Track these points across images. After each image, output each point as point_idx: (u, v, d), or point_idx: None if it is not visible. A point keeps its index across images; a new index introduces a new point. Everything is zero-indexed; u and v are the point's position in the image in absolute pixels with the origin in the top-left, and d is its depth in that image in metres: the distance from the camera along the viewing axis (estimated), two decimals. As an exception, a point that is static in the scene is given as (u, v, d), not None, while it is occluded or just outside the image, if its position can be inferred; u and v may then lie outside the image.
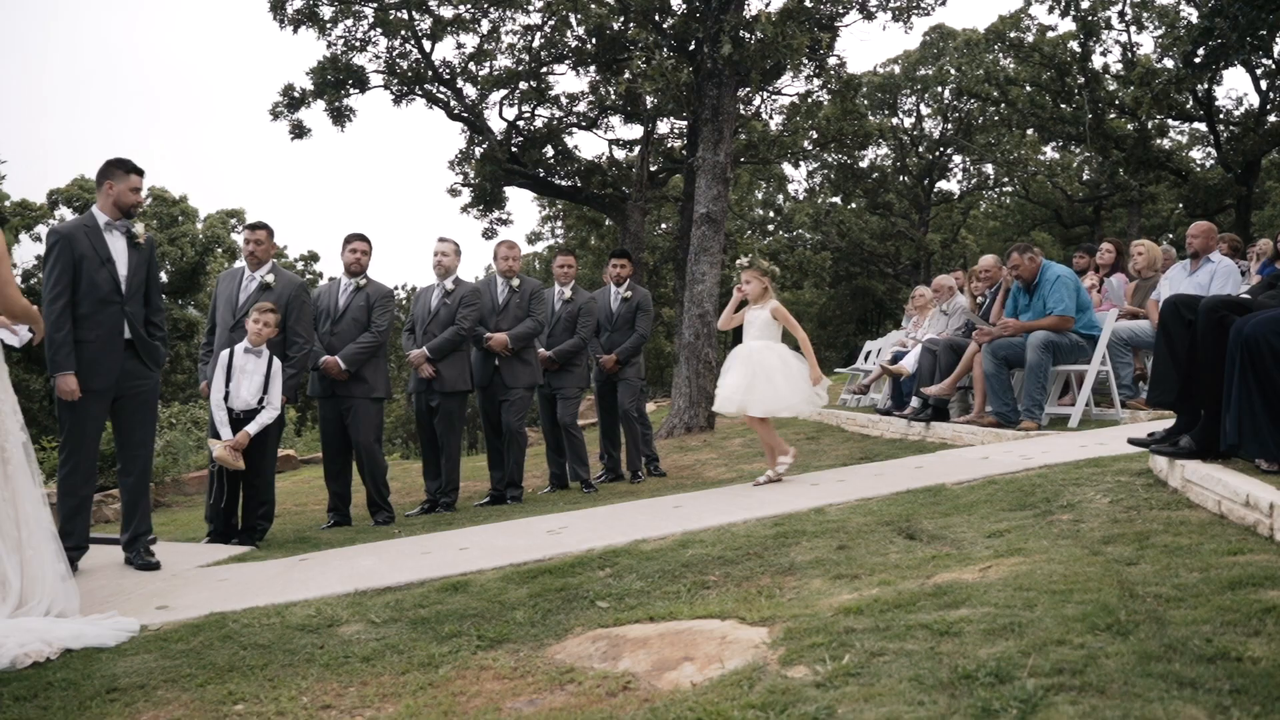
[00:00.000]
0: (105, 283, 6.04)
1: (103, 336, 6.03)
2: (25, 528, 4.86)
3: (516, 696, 3.53)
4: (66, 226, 6.16)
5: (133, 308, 6.15)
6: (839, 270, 40.78)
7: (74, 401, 5.96)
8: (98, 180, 6.19)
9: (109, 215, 6.14)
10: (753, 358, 7.02)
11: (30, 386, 32.14)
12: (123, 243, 6.15)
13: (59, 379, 5.91)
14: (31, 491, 4.94)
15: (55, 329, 5.88)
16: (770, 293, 7.19)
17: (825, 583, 4.25)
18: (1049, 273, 8.88)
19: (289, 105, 20.54)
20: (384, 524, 8.04)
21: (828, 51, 18.64)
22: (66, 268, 5.98)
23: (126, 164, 6.20)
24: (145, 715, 3.75)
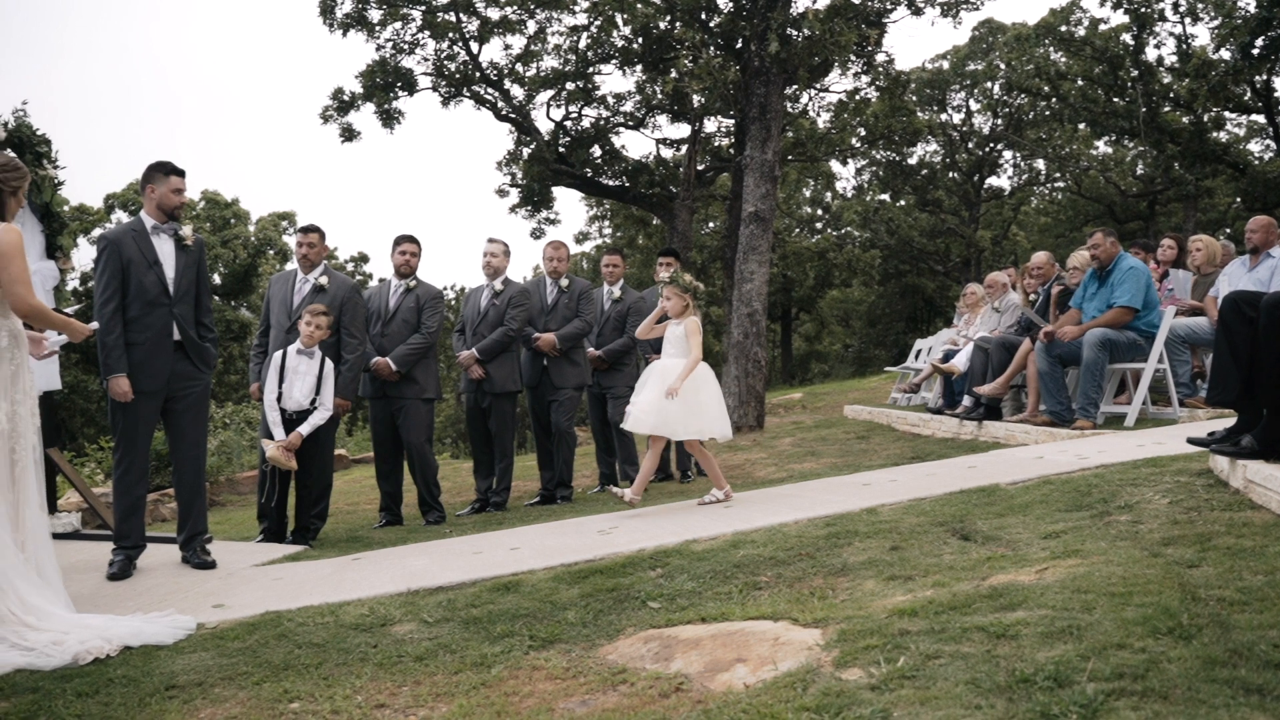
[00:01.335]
0: (153, 285, 6.14)
1: (152, 338, 6.12)
2: (24, 530, 4.95)
3: (569, 697, 3.53)
4: (115, 231, 6.26)
5: (181, 309, 6.24)
6: (888, 268, 40.49)
7: (126, 403, 6.06)
8: (141, 184, 6.30)
9: (155, 218, 6.23)
10: (668, 376, 6.83)
11: (88, 388, 32.74)
12: (170, 245, 6.24)
13: (111, 381, 6.01)
14: (35, 499, 5.03)
15: (106, 332, 5.99)
16: (691, 309, 7.05)
17: (879, 584, 4.21)
18: (1124, 263, 8.72)
19: (339, 109, 20.75)
20: (435, 523, 8.09)
21: (875, 48, 18.50)
22: (115, 272, 6.08)
23: (166, 166, 6.28)
24: (203, 712, 3.79)
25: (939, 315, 41.32)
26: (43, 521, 5.05)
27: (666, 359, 6.96)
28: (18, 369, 4.94)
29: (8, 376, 4.89)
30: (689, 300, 7.02)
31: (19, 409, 4.94)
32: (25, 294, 4.85)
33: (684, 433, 6.88)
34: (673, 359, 6.91)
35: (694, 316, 7.03)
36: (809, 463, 10.02)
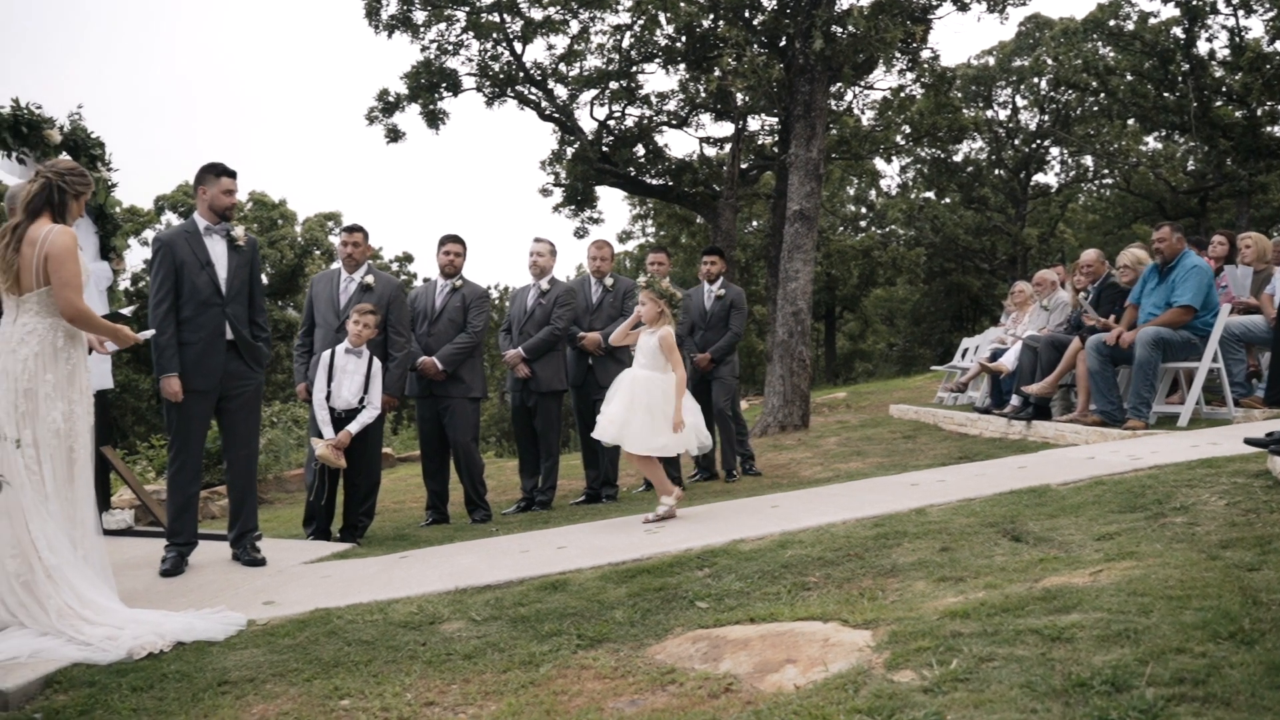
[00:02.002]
0: (206, 286, 6.22)
1: (205, 338, 6.20)
2: (81, 528, 5.03)
3: (618, 696, 3.53)
4: (168, 233, 6.35)
5: (234, 309, 6.32)
6: (933, 266, 40.16)
7: (180, 402, 6.14)
8: (193, 185, 6.39)
9: (207, 219, 6.32)
10: (635, 388, 6.67)
11: (139, 386, 33.24)
12: (223, 246, 6.32)
13: (164, 381, 6.10)
14: (90, 496, 5.11)
15: (160, 332, 6.08)
16: (666, 318, 6.78)
17: (929, 585, 4.18)
18: (1187, 260, 8.57)
19: (384, 109, 20.90)
20: (481, 522, 8.13)
21: (921, 44, 18.35)
22: (169, 273, 6.17)
23: (218, 167, 6.36)
24: (255, 708, 3.83)
25: (985, 314, 40.92)
26: (95, 518, 5.14)
27: (638, 369, 6.76)
28: (74, 368, 5.02)
29: (65, 376, 4.97)
30: (664, 307, 6.76)
31: (76, 408, 5.02)
32: (74, 297, 4.93)
33: (642, 448, 6.64)
34: (644, 370, 6.71)
35: (668, 326, 6.76)
36: (855, 462, 9.96)
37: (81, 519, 5.01)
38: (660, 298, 6.72)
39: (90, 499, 5.11)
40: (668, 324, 6.75)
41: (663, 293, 6.74)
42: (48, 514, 4.84)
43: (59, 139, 6.98)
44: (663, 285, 6.79)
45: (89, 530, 5.04)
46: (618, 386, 6.79)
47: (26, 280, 4.90)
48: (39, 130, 6.81)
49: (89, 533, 5.04)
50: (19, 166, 6.86)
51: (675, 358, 6.67)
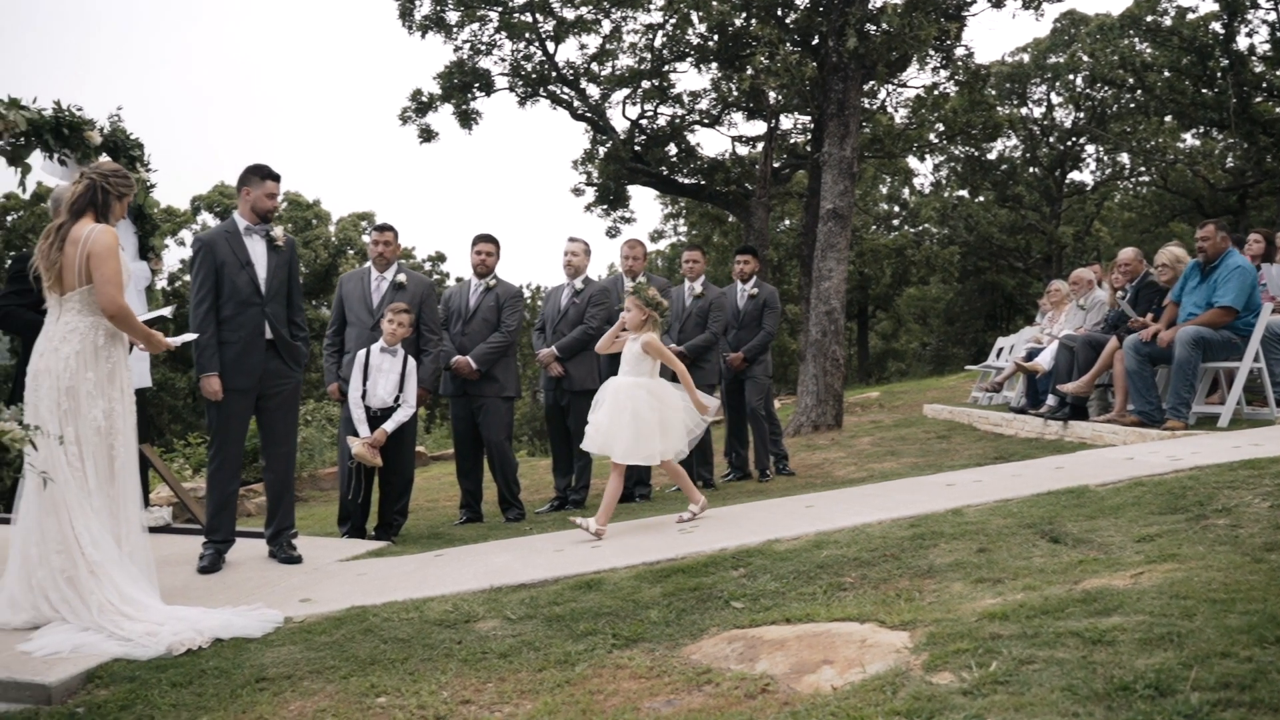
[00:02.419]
0: (246, 286, 6.28)
1: (245, 338, 6.26)
2: (125, 525, 5.08)
3: (654, 696, 3.53)
4: (209, 233, 6.41)
5: (273, 309, 6.37)
6: (966, 265, 39.86)
7: (220, 401, 6.20)
8: (237, 186, 6.45)
9: (248, 220, 6.37)
10: (620, 396, 6.56)
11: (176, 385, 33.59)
12: (262, 246, 6.37)
13: (204, 380, 6.16)
14: (132, 494, 5.17)
15: (200, 331, 6.14)
16: (651, 324, 6.68)
17: (966, 586, 4.15)
18: (1231, 260, 8.45)
19: (417, 110, 20.99)
20: (515, 520, 8.15)
21: (955, 42, 18.22)
22: (209, 273, 6.23)
23: (263, 170, 6.42)
24: (293, 705, 3.86)
25: (1019, 313, 40.58)
26: (139, 516, 5.19)
27: (622, 377, 6.67)
28: (115, 367, 5.08)
29: (105, 374, 5.03)
30: (649, 314, 6.65)
31: (116, 406, 5.08)
32: (115, 294, 4.99)
33: (630, 457, 6.53)
34: (629, 377, 6.61)
35: (652, 333, 6.65)
36: (889, 462, 9.90)
37: (126, 516, 5.07)
38: (646, 305, 6.63)
39: (135, 497, 5.18)
40: (652, 330, 6.66)
41: (648, 300, 6.64)
42: (91, 510, 4.90)
43: (99, 140, 7.06)
44: (648, 293, 6.67)
45: (133, 527, 5.10)
46: (602, 395, 6.70)
47: (69, 279, 4.97)
48: (80, 132, 6.89)
49: (133, 530, 5.10)
50: (60, 168, 6.94)
51: (666, 354, 6.62)
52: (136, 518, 5.17)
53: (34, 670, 4.30)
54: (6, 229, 36.99)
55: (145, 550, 5.19)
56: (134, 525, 5.13)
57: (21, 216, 36.69)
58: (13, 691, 4.21)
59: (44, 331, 5.06)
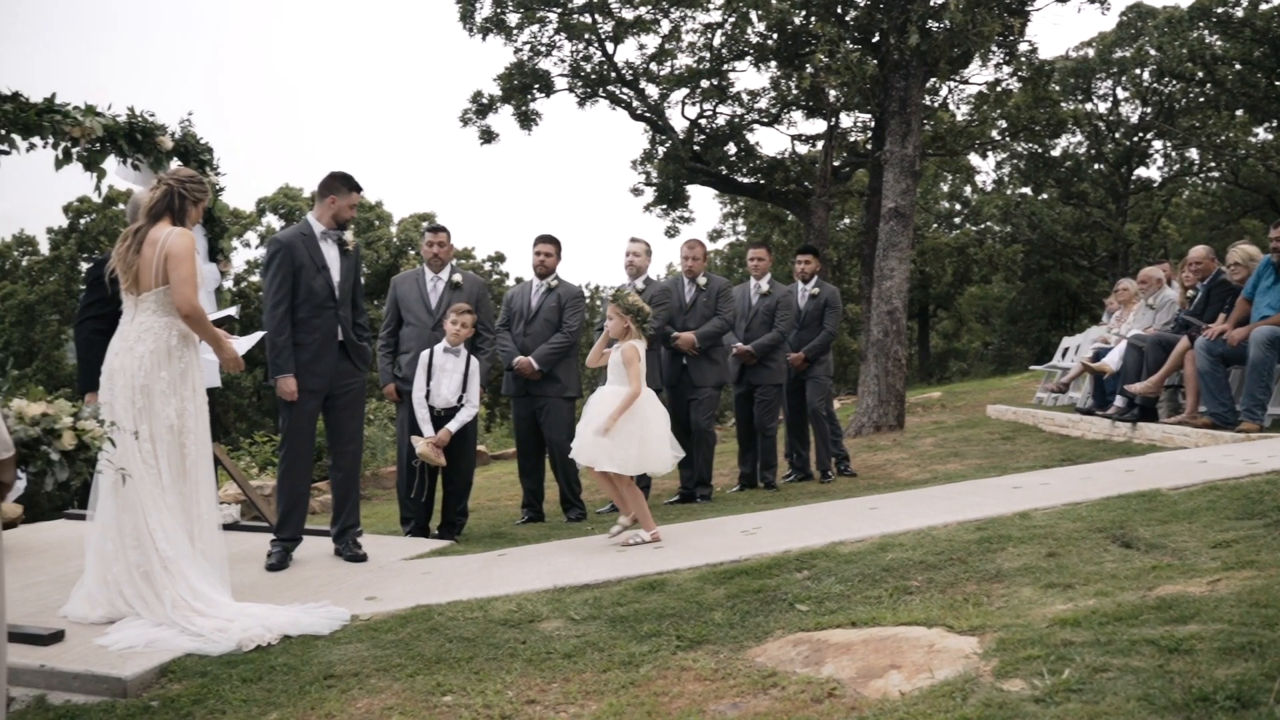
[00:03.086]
0: (321, 289, 6.37)
1: (319, 340, 6.36)
2: (198, 523, 5.17)
3: (719, 699, 3.52)
4: (286, 236, 6.48)
5: (344, 311, 6.49)
6: (1030, 263, 39.29)
7: (293, 402, 6.29)
8: (321, 192, 6.51)
9: (325, 225, 6.46)
10: (604, 406, 6.46)
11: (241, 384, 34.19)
12: (335, 250, 6.47)
13: (279, 381, 6.25)
14: (205, 491, 5.25)
15: (277, 333, 6.23)
16: (633, 333, 6.55)
17: (1036, 591, 4.09)
18: None
19: (478, 111, 21.14)
20: (576, 520, 8.18)
21: (1018, 37, 17.99)
22: (287, 275, 6.32)
23: (351, 181, 6.53)
24: (360, 702, 3.91)
25: (1084, 312, 39.89)
26: (213, 514, 5.29)
27: (607, 386, 6.59)
28: (187, 367, 5.18)
29: (178, 374, 5.13)
30: (629, 323, 6.54)
31: (188, 405, 5.18)
32: (191, 295, 5.10)
33: (609, 464, 6.38)
34: (613, 385, 6.52)
35: (633, 341, 6.53)
36: (953, 464, 9.79)
37: (198, 514, 5.17)
38: (626, 313, 6.53)
39: (209, 495, 5.27)
40: (635, 339, 6.55)
41: (628, 308, 6.53)
42: (165, 506, 5.01)
43: (170, 145, 7.20)
44: (629, 300, 6.56)
45: (205, 525, 5.20)
46: (589, 405, 6.63)
47: (145, 280, 5.07)
48: (152, 137, 7.03)
49: (206, 527, 5.20)
50: (133, 172, 7.08)
51: (633, 371, 6.43)
52: (209, 515, 5.27)
53: (110, 664, 4.41)
54: (80, 231, 37.91)
55: (218, 547, 5.28)
56: (206, 523, 5.23)
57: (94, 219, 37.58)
58: (90, 684, 4.32)
59: (119, 331, 5.17)
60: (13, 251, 39.07)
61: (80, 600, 5.09)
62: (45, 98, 6.28)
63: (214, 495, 5.38)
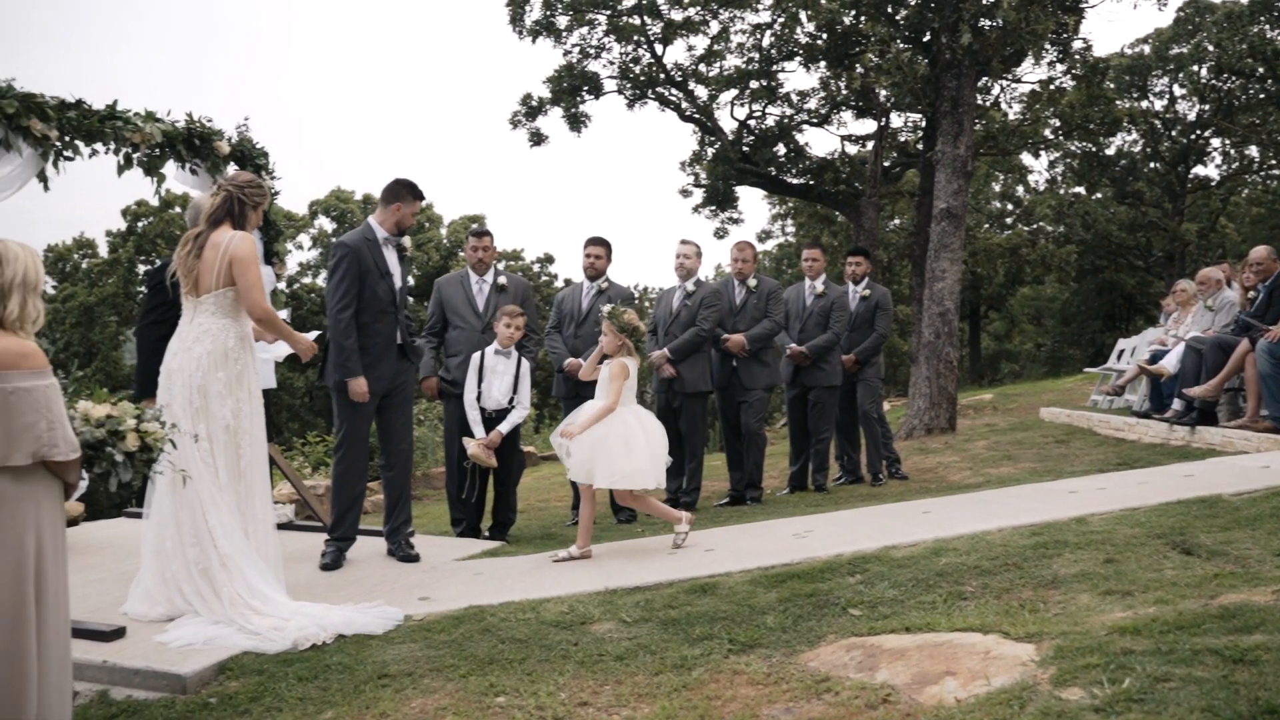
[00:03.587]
0: (385, 294, 6.48)
1: (380, 344, 6.46)
2: (253, 522, 5.24)
3: (772, 704, 3.51)
4: (353, 240, 6.53)
5: (402, 315, 6.61)
6: (1084, 264, 38.73)
7: (353, 403, 6.35)
8: (386, 198, 6.57)
9: (387, 231, 6.54)
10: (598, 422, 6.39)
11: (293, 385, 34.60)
12: (394, 255, 6.58)
13: (350, 383, 6.31)
14: (261, 491, 5.33)
15: (344, 336, 6.31)
16: (626, 350, 6.49)
17: (1094, 598, 4.03)
18: None
19: (527, 113, 21.23)
20: (626, 522, 8.18)
21: (1072, 35, 17.74)
22: (354, 280, 6.39)
23: (416, 190, 6.62)
24: (414, 702, 3.94)
25: (1139, 313, 39.28)
26: (268, 514, 5.36)
27: (598, 400, 6.54)
28: (243, 369, 5.25)
29: (234, 376, 5.21)
30: (624, 340, 6.47)
31: (243, 406, 5.26)
32: (261, 299, 5.21)
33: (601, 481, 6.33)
34: (600, 401, 6.49)
35: (623, 359, 6.47)
36: (1005, 467, 9.68)
37: (254, 513, 5.25)
38: (621, 331, 6.47)
39: (264, 495, 5.35)
40: (627, 356, 6.51)
41: (624, 326, 6.47)
42: (223, 505, 5.09)
43: (227, 150, 7.30)
44: (624, 319, 6.49)
45: (261, 524, 5.28)
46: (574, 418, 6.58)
47: (205, 282, 5.16)
48: (210, 142, 7.14)
49: (261, 526, 5.28)
50: (191, 177, 7.19)
51: (613, 387, 6.40)
52: (263, 515, 5.34)
53: (170, 661, 4.49)
54: (138, 234, 38.58)
55: (273, 546, 5.36)
56: (261, 522, 5.31)
57: (151, 222, 38.22)
58: (152, 680, 4.40)
59: (178, 332, 5.27)
60: (73, 254, 39.81)
61: (139, 598, 5.18)
62: (107, 105, 6.40)
63: (269, 496, 5.46)
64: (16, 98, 5.71)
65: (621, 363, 6.45)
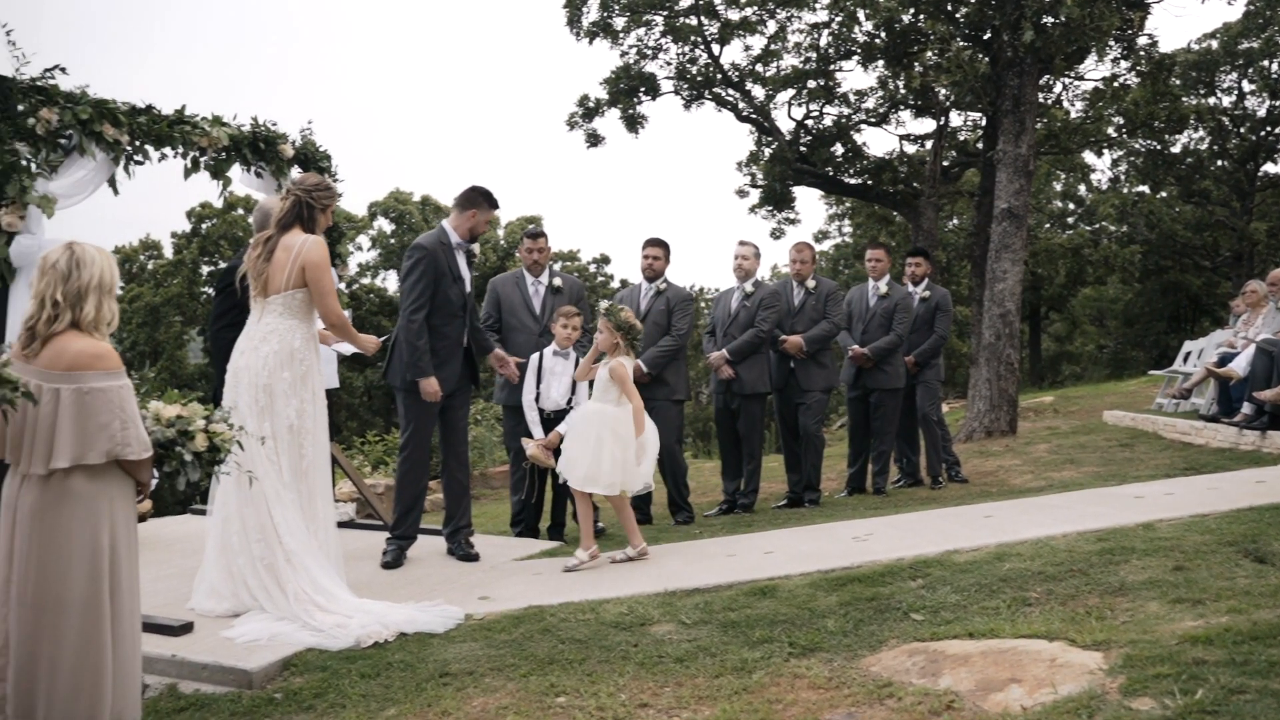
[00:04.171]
0: (457, 298, 6.59)
1: (449, 346, 6.56)
2: (315, 520, 5.30)
3: (834, 708, 3.49)
4: (429, 242, 6.60)
5: (469, 319, 6.70)
6: (1148, 264, 38.03)
7: (420, 404, 6.42)
8: (462, 204, 6.65)
9: (460, 236, 6.63)
10: (589, 422, 6.33)
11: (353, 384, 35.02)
12: (464, 260, 6.65)
13: (422, 383, 6.38)
14: (324, 490, 5.40)
15: (417, 337, 6.38)
16: (622, 349, 6.40)
17: (1163, 606, 3.96)
18: None
19: (584, 115, 21.27)
20: (684, 524, 8.17)
21: (1137, 31, 17.41)
22: (429, 283, 6.47)
23: (492, 199, 6.70)
24: (475, 701, 3.97)
25: (1205, 314, 38.49)
26: (329, 514, 5.44)
27: (591, 403, 6.48)
28: (308, 370, 5.33)
29: (299, 376, 5.29)
30: (619, 338, 6.39)
31: (307, 407, 5.34)
32: (334, 305, 5.32)
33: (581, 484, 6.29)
34: (597, 403, 6.41)
35: (622, 358, 6.40)
36: (1068, 471, 9.53)
37: (316, 511, 5.32)
38: (617, 329, 6.39)
39: (327, 494, 5.43)
40: (624, 355, 6.44)
41: (620, 324, 6.40)
42: (287, 501, 5.17)
43: (291, 153, 7.41)
44: (621, 316, 6.43)
45: (323, 522, 5.35)
46: (572, 423, 6.56)
47: (275, 283, 5.25)
48: (274, 145, 7.25)
49: (323, 525, 5.35)
50: (256, 180, 7.31)
51: (628, 388, 6.33)
52: (325, 515, 5.42)
53: (237, 656, 4.57)
54: (201, 236, 39.27)
55: (335, 545, 5.43)
56: (322, 521, 5.38)
57: (215, 224, 38.89)
58: (218, 675, 4.49)
59: (245, 331, 5.36)
60: (139, 255, 40.61)
61: (205, 593, 5.28)
62: (175, 109, 6.52)
63: (330, 496, 5.53)
64: (90, 104, 5.84)
65: (621, 363, 6.41)
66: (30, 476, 3.49)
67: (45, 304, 3.54)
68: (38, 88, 5.67)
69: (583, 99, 21.19)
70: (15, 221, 5.48)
